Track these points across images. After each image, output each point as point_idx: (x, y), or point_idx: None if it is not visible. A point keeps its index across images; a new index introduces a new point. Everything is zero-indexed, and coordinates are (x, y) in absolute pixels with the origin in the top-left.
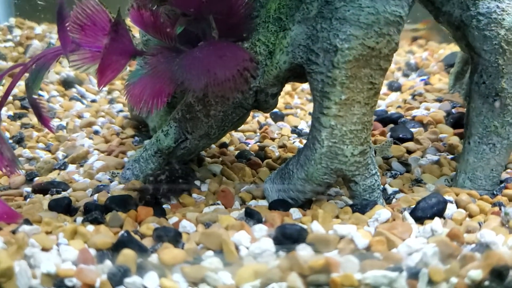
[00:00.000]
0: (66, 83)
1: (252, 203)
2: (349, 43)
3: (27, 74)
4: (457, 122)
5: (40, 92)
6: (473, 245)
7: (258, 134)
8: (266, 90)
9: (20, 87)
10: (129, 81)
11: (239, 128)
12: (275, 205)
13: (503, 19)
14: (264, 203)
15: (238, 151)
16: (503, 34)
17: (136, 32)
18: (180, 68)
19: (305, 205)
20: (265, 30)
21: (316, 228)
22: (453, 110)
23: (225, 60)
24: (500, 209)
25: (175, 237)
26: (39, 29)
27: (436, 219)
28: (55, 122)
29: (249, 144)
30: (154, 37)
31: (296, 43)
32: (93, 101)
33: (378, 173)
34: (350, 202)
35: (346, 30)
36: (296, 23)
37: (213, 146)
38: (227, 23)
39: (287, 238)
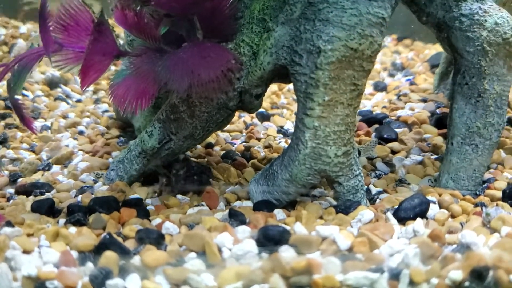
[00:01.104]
0: (51, 83)
1: (237, 203)
2: (332, 44)
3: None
4: (441, 122)
5: (24, 92)
6: (454, 246)
7: (244, 134)
8: (251, 91)
9: (3, 87)
10: (113, 81)
11: (225, 128)
12: (259, 206)
13: (485, 20)
14: (249, 203)
15: (224, 152)
16: (485, 35)
17: (120, 31)
18: (164, 69)
19: (290, 205)
20: (249, 31)
21: (299, 229)
22: (438, 111)
23: (209, 61)
24: (482, 209)
25: (158, 239)
26: (24, 28)
27: (418, 219)
28: (39, 123)
29: (235, 144)
30: (138, 37)
31: (279, 44)
32: (79, 101)
33: (362, 174)
34: (335, 202)
35: (329, 31)
36: (280, 24)
37: (199, 146)
38: (212, 24)
39: (270, 240)
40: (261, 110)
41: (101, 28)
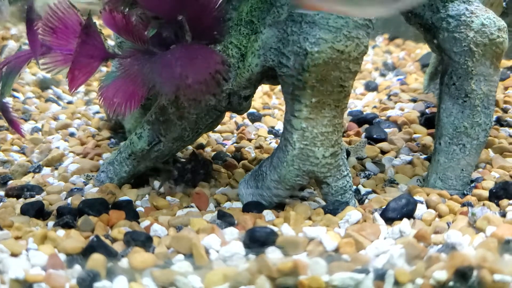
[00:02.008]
0: (42, 84)
1: (227, 205)
2: (319, 46)
3: None
4: (431, 122)
5: (15, 93)
6: (440, 246)
7: (235, 135)
8: (239, 93)
9: None
10: (103, 83)
11: (216, 129)
12: (248, 207)
13: (472, 21)
14: (238, 205)
15: (215, 152)
16: (472, 36)
17: (109, 32)
18: (152, 72)
19: (279, 206)
20: (237, 33)
21: (286, 230)
22: (427, 110)
23: (197, 63)
24: (468, 209)
25: (146, 241)
26: (14, 29)
27: (405, 220)
28: (30, 124)
29: (226, 145)
30: (126, 39)
31: (267, 46)
32: (70, 102)
33: (350, 174)
34: (324, 203)
35: (315, 33)
36: (267, 26)
37: (190, 147)
38: (200, 26)
39: (256, 241)
40: (252, 110)
41: (89, 30)
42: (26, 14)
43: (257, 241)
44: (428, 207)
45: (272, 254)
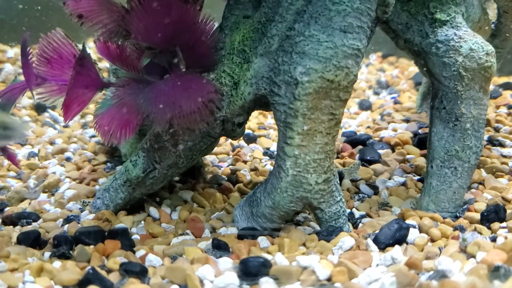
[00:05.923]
0: (39, 107)
1: (222, 230)
2: (309, 76)
3: None
4: (424, 142)
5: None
6: (431, 273)
7: (231, 156)
8: (233, 120)
9: None
10: (98, 111)
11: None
12: (244, 233)
13: (461, 46)
14: (234, 230)
15: (210, 175)
16: (461, 60)
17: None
18: (146, 101)
19: (275, 230)
20: (230, 61)
21: (279, 260)
22: (420, 131)
23: (190, 92)
24: (460, 234)
25: (141, 272)
26: (11, 52)
27: (396, 247)
28: (26, 149)
29: (221, 167)
30: (121, 68)
31: (259, 75)
32: (66, 126)
33: (343, 200)
34: (318, 227)
35: (305, 63)
36: (259, 56)
37: None
38: (194, 55)
39: (250, 272)
40: (247, 131)
41: (83, 62)
42: (21, 46)
43: (251, 271)
44: (420, 231)
45: (266, 284)
